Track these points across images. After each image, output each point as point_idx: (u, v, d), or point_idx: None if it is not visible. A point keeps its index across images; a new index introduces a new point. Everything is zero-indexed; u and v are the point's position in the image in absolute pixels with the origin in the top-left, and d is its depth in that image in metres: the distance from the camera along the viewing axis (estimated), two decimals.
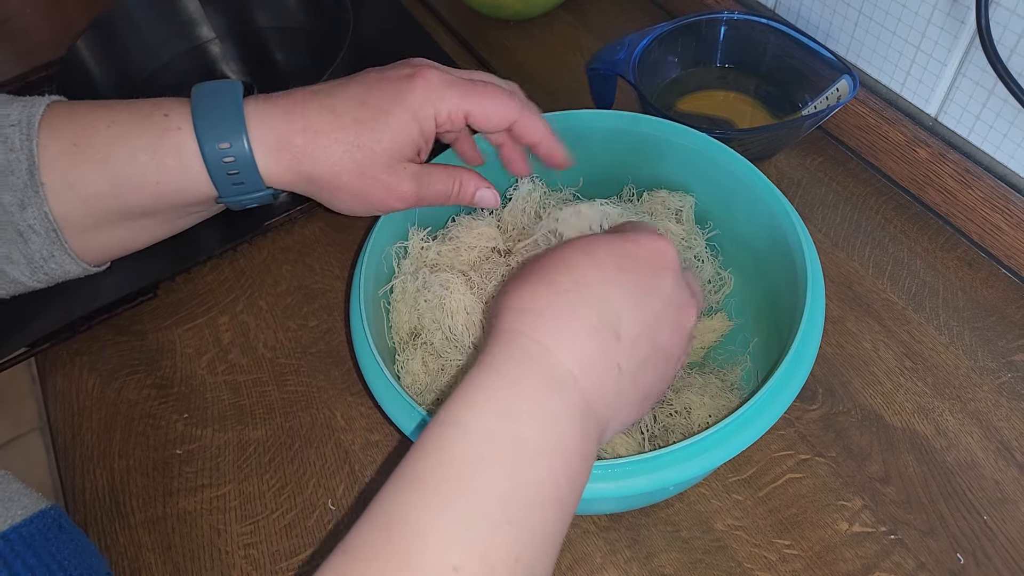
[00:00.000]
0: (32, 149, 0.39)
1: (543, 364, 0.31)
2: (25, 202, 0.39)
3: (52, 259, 0.42)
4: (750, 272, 0.50)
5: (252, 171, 0.40)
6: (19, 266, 0.41)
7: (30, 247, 0.41)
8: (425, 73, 0.41)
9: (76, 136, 0.40)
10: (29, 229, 0.40)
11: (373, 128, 0.40)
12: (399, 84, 0.41)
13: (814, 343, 0.40)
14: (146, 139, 0.40)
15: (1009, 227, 0.54)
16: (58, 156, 0.40)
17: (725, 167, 0.48)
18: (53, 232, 0.40)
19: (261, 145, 0.40)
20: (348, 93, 0.41)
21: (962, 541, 0.45)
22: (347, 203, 0.42)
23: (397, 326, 0.48)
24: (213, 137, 0.39)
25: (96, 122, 0.40)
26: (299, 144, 0.40)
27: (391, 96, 0.41)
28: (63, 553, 0.40)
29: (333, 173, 0.41)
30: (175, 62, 0.76)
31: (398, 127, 0.41)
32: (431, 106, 0.41)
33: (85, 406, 0.55)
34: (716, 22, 0.65)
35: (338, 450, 0.51)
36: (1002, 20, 0.50)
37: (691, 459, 0.36)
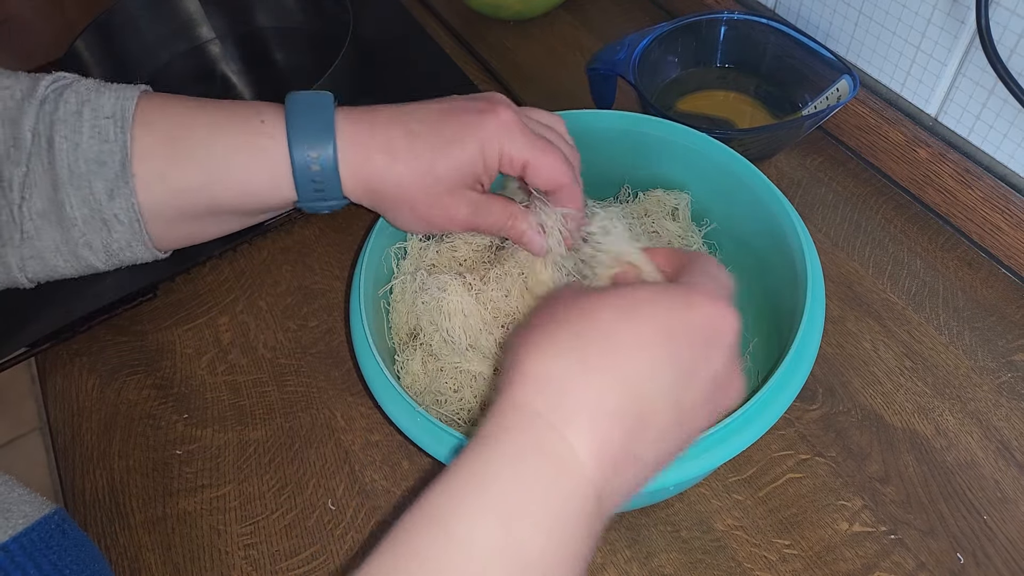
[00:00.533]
0: (126, 142, 0.40)
1: (556, 458, 0.28)
2: (114, 192, 0.40)
3: (129, 248, 0.43)
4: (750, 272, 0.50)
5: (334, 181, 0.42)
6: (97, 253, 0.43)
7: (112, 236, 0.42)
8: (500, 111, 0.42)
9: (172, 131, 0.42)
10: (114, 219, 0.41)
11: (444, 155, 0.42)
12: (475, 116, 0.43)
13: (814, 343, 0.40)
14: (241, 140, 0.42)
15: (1009, 227, 0.54)
16: (152, 148, 0.41)
17: (725, 167, 0.48)
18: (136, 223, 0.42)
19: (344, 157, 0.42)
20: (428, 119, 0.43)
21: (962, 541, 0.45)
22: (406, 220, 0.44)
23: (397, 326, 0.48)
24: (304, 145, 0.41)
25: (194, 120, 0.42)
26: (378, 162, 0.42)
27: (465, 126, 0.42)
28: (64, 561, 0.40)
29: (400, 191, 0.42)
30: (175, 62, 0.76)
31: (466, 158, 0.42)
32: (499, 144, 0.42)
33: (85, 406, 0.55)
34: (716, 22, 0.65)
35: (338, 450, 0.51)
36: (1002, 20, 0.50)
37: (691, 459, 0.36)
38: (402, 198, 0.43)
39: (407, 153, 0.42)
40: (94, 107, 0.41)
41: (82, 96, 0.41)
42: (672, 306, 0.31)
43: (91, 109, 0.41)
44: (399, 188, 0.42)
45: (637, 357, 0.29)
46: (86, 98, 0.41)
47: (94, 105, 0.41)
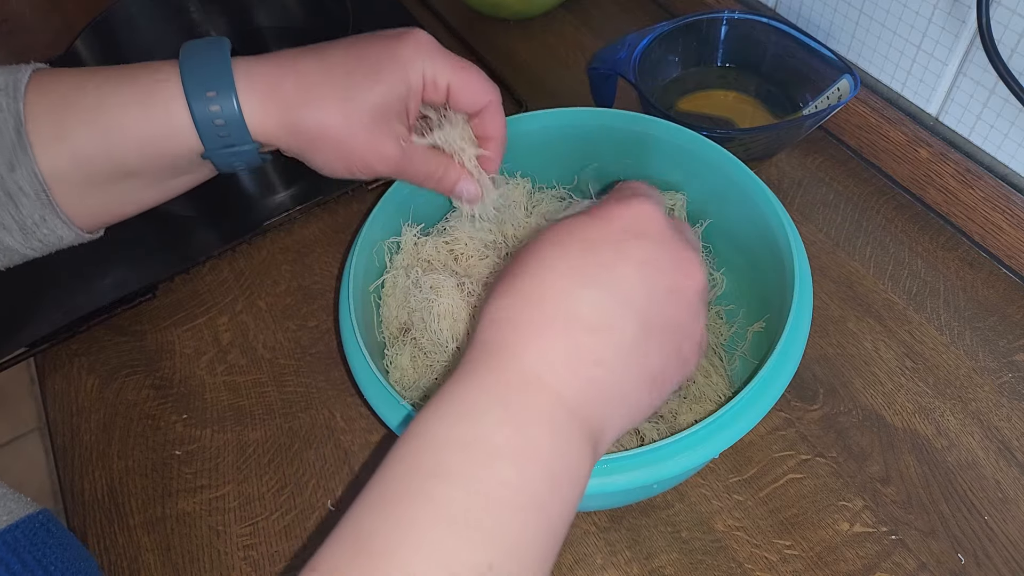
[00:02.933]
0: (19, 109, 0.39)
1: (509, 370, 0.30)
2: (14, 163, 0.39)
3: (44, 223, 0.41)
4: (742, 272, 0.50)
5: (239, 122, 0.40)
6: (11, 232, 0.41)
7: (21, 211, 0.40)
8: (417, 33, 0.42)
9: (65, 93, 0.40)
10: (19, 191, 0.40)
11: (364, 79, 0.40)
12: (391, 41, 0.42)
13: (801, 339, 0.40)
14: (135, 92, 0.40)
15: (1010, 227, 0.54)
16: (47, 111, 0.39)
17: (716, 166, 0.48)
18: (44, 194, 0.40)
19: (249, 94, 0.40)
20: (340, 48, 0.42)
21: (963, 541, 0.45)
22: (330, 161, 0.42)
23: (387, 321, 0.48)
24: (200, 86, 0.39)
25: (85, 82, 0.40)
26: (289, 92, 0.40)
27: (382, 50, 0.41)
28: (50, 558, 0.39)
29: (321, 125, 0.40)
30: None
31: (388, 80, 0.41)
32: (420, 64, 0.41)
33: (84, 407, 0.55)
34: (717, 21, 0.65)
35: (338, 451, 0.51)
36: (1003, 19, 0.50)
37: (678, 454, 0.36)
38: (323, 134, 0.40)
39: (324, 84, 0.40)
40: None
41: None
42: (592, 220, 0.33)
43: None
44: (318, 122, 0.40)
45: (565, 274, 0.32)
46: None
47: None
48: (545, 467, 0.29)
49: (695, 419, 0.45)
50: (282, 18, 0.78)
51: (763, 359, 0.39)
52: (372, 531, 0.27)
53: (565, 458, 0.30)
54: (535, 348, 0.30)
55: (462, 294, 0.45)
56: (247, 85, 0.40)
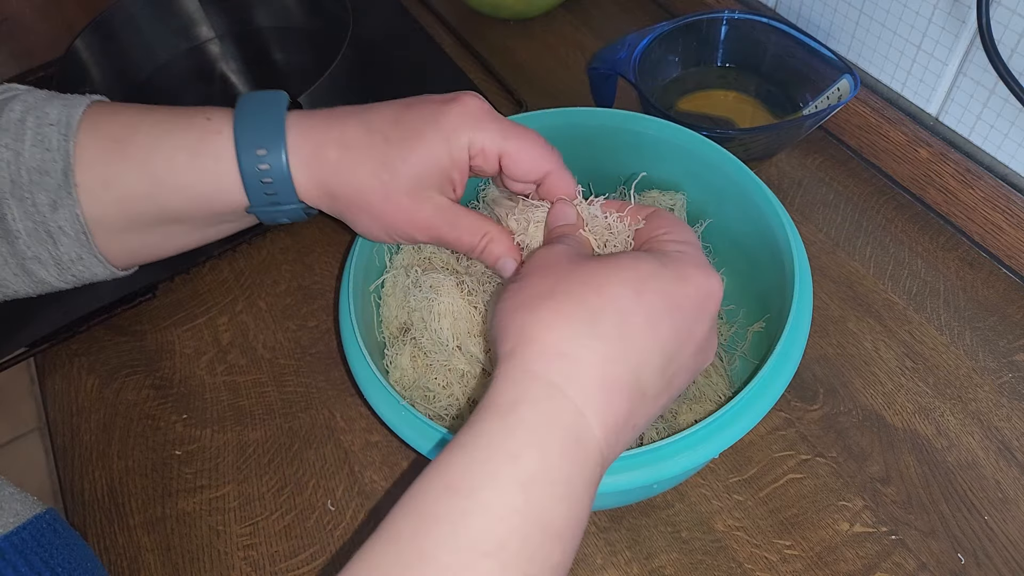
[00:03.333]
0: (69, 150, 0.38)
1: (575, 431, 0.29)
2: (57, 203, 0.39)
3: (80, 261, 0.41)
4: (742, 272, 0.50)
5: (286, 181, 0.39)
6: (47, 267, 0.41)
7: (59, 249, 0.40)
8: (465, 100, 0.39)
9: (117, 134, 0.39)
10: (59, 231, 0.39)
11: (401, 148, 0.39)
12: (436, 106, 0.40)
13: (801, 340, 0.40)
14: (187, 140, 0.39)
15: (1010, 227, 0.54)
16: (96, 155, 0.39)
17: (716, 166, 0.48)
18: (83, 235, 0.40)
19: (297, 155, 0.39)
20: (386, 111, 0.40)
21: (963, 541, 0.45)
22: (368, 226, 0.41)
23: (387, 320, 0.48)
24: (251, 143, 0.39)
25: (139, 123, 0.40)
26: (332, 158, 0.39)
27: (426, 118, 0.39)
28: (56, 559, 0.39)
29: (357, 192, 0.39)
30: (174, 62, 0.76)
31: (427, 150, 0.39)
32: (466, 134, 0.39)
33: (84, 407, 0.55)
34: (717, 21, 0.65)
35: (338, 451, 0.51)
36: (1003, 19, 0.50)
37: (677, 455, 0.36)
38: (359, 200, 0.40)
39: (363, 148, 0.39)
40: (39, 115, 0.39)
41: (28, 104, 0.39)
42: (675, 278, 0.32)
43: (35, 117, 0.39)
44: (354, 188, 0.39)
45: (646, 334, 0.30)
46: (32, 106, 0.39)
47: (39, 113, 0.39)
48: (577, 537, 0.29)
49: (695, 419, 0.45)
50: (282, 18, 0.78)
51: (763, 359, 0.39)
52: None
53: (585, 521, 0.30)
54: (599, 409, 0.29)
55: (462, 293, 0.45)
56: (297, 145, 0.39)
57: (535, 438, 0.28)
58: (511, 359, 0.30)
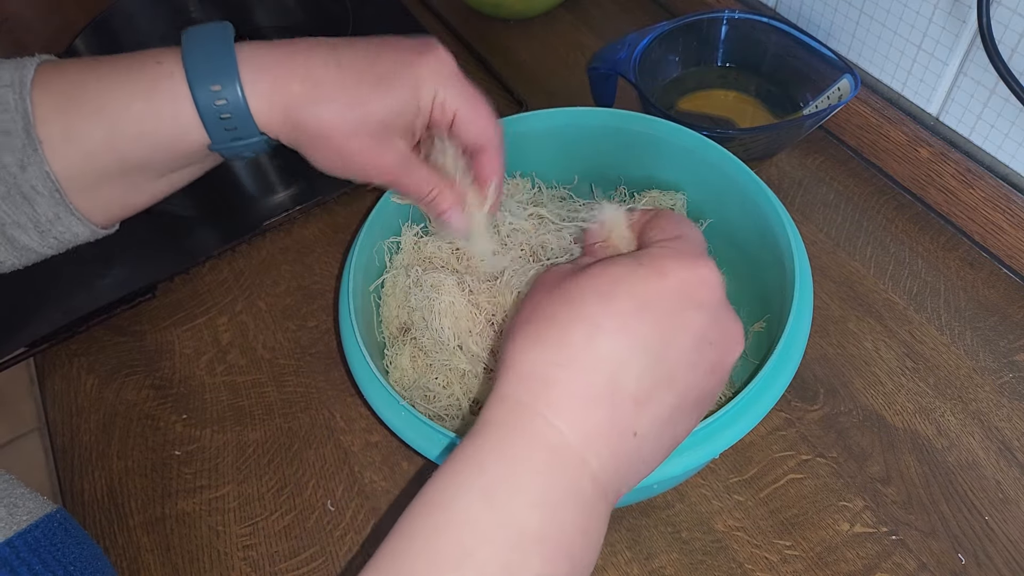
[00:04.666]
0: (27, 107, 0.38)
1: (547, 444, 0.28)
2: (25, 162, 0.39)
3: (59, 221, 0.41)
4: (742, 272, 0.50)
5: (245, 115, 0.39)
6: (27, 231, 0.41)
7: (36, 210, 0.40)
8: (438, 52, 0.41)
9: (70, 89, 0.39)
10: (32, 190, 0.39)
11: (374, 90, 0.39)
12: (410, 54, 0.40)
13: (801, 340, 0.40)
14: (140, 86, 0.39)
15: (1011, 227, 0.54)
16: (52, 111, 0.39)
17: (716, 166, 0.48)
18: (56, 192, 0.40)
19: (255, 87, 0.39)
20: (357, 51, 0.40)
21: (963, 541, 0.44)
22: (327, 160, 0.41)
23: (387, 320, 0.48)
24: (205, 79, 0.38)
25: (88, 74, 0.40)
26: (296, 91, 0.39)
27: (399, 62, 0.40)
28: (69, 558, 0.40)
29: (325, 127, 0.39)
30: None
31: (399, 95, 0.40)
32: (434, 86, 0.40)
33: (84, 407, 0.55)
34: (717, 21, 0.65)
35: (337, 451, 0.51)
36: (1003, 19, 0.50)
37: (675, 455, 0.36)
38: (325, 136, 0.40)
39: (333, 84, 0.39)
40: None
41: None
42: (650, 275, 0.31)
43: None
44: (321, 121, 0.39)
45: (619, 338, 0.30)
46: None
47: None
48: (571, 548, 0.28)
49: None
50: (282, 18, 0.78)
51: (763, 359, 0.39)
52: None
53: (587, 533, 0.29)
54: (573, 418, 0.29)
55: (463, 292, 0.45)
56: (253, 76, 0.39)
57: (500, 448, 0.28)
58: (494, 389, 0.31)
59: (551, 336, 0.30)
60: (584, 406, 0.29)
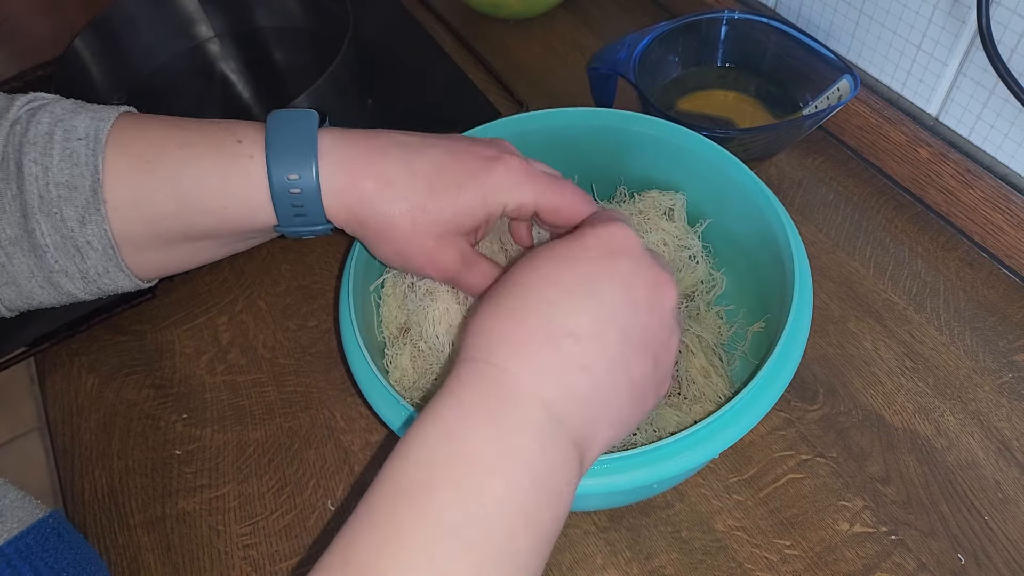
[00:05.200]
0: (97, 166, 0.38)
1: (494, 382, 0.30)
2: (86, 219, 0.39)
3: (107, 275, 0.41)
4: (742, 272, 0.50)
5: (316, 205, 0.40)
6: (74, 280, 0.41)
7: (87, 263, 0.40)
8: (508, 160, 0.41)
9: (146, 154, 0.39)
10: (87, 245, 0.40)
11: (442, 197, 0.40)
12: (480, 163, 0.41)
13: (800, 341, 0.40)
14: (217, 164, 0.39)
15: (1010, 227, 0.54)
16: (125, 173, 0.39)
17: (716, 166, 0.48)
18: (111, 250, 0.40)
19: (330, 182, 0.40)
20: (430, 156, 0.41)
21: (963, 541, 0.45)
22: (386, 254, 0.42)
23: (387, 320, 0.48)
24: (283, 168, 0.39)
25: (167, 141, 0.40)
26: (368, 188, 0.40)
27: (470, 172, 0.41)
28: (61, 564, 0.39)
29: (387, 225, 0.40)
30: (174, 61, 0.76)
31: (466, 204, 0.40)
32: (505, 194, 0.41)
33: (84, 406, 0.55)
34: (717, 21, 0.65)
35: (338, 451, 0.51)
36: (1003, 19, 0.50)
37: (676, 455, 0.36)
38: (388, 231, 0.40)
39: (402, 188, 0.40)
40: (67, 128, 0.39)
41: (56, 116, 0.39)
42: (566, 242, 0.35)
43: (63, 130, 0.39)
44: (385, 221, 0.40)
45: (543, 285, 0.33)
46: (60, 118, 0.39)
47: (67, 126, 0.39)
48: (533, 478, 0.29)
49: (695, 419, 0.45)
50: (282, 18, 0.78)
51: (763, 359, 0.39)
52: (362, 555, 0.27)
53: (552, 467, 0.30)
54: (521, 358, 0.31)
55: (457, 299, 0.45)
56: (330, 170, 0.39)
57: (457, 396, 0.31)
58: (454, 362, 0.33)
59: (491, 304, 0.33)
60: (524, 345, 0.31)
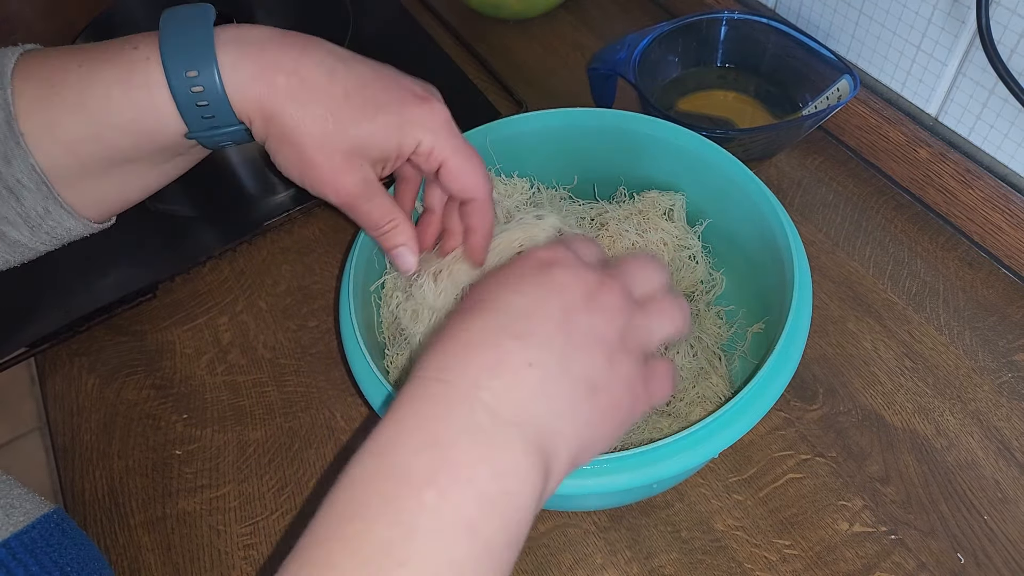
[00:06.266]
0: (8, 99, 0.37)
1: (432, 392, 0.29)
2: (9, 156, 0.38)
3: (49, 216, 0.40)
4: (742, 272, 0.50)
5: (222, 101, 0.38)
6: (17, 226, 0.40)
7: (24, 204, 0.39)
8: (435, 104, 0.40)
9: (52, 77, 0.38)
10: (18, 184, 0.38)
11: (359, 112, 0.39)
12: (407, 94, 0.40)
13: (800, 341, 0.40)
14: (117, 73, 0.38)
15: (1010, 227, 0.54)
16: (34, 101, 0.38)
17: (716, 166, 0.48)
18: (44, 186, 0.39)
19: (235, 74, 0.37)
20: (354, 68, 0.40)
21: (962, 541, 0.45)
22: (287, 163, 0.40)
23: (387, 321, 0.48)
24: (180, 65, 0.37)
25: (68, 62, 0.38)
26: (280, 83, 0.38)
27: (394, 98, 0.40)
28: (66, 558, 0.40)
29: (297, 129, 0.38)
30: None
31: (382, 127, 0.39)
32: (423, 132, 0.40)
33: (84, 407, 0.55)
34: (716, 22, 0.65)
35: (338, 451, 0.51)
36: (1002, 20, 0.50)
37: (674, 455, 0.36)
38: (294, 135, 0.38)
39: (318, 90, 0.38)
40: None
41: None
42: (512, 262, 0.35)
43: None
44: (295, 121, 0.38)
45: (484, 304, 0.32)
46: None
47: None
48: (471, 484, 0.27)
49: (695, 419, 0.45)
50: (282, 18, 0.78)
51: (763, 359, 0.39)
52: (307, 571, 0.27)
53: (500, 472, 0.28)
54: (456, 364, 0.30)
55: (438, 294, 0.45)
56: (235, 64, 0.38)
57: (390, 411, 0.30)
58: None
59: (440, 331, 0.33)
60: (465, 351, 0.30)
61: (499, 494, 0.28)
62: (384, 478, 0.28)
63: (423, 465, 0.27)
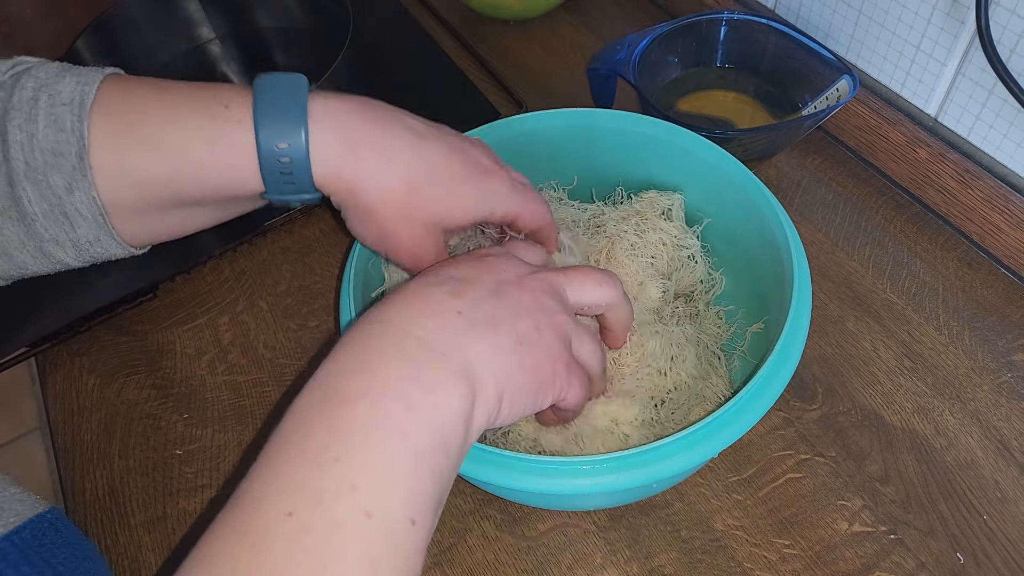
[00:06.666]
0: (83, 132, 0.38)
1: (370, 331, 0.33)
2: (73, 186, 0.38)
3: (98, 243, 0.41)
4: (741, 272, 0.50)
5: (305, 172, 0.39)
6: (65, 248, 0.40)
7: (76, 231, 0.40)
8: (501, 173, 0.43)
9: (131, 116, 0.39)
10: (76, 213, 0.39)
11: (441, 188, 0.40)
12: (479, 168, 0.42)
13: (799, 342, 0.40)
14: (201, 127, 0.38)
15: (1009, 227, 0.54)
16: (110, 137, 0.38)
17: (716, 166, 0.48)
18: (100, 217, 0.39)
19: (323, 146, 0.39)
20: (434, 146, 0.41)
21: (962, 541, 0.45)
22: (366, 232, 0.41)
23: None
24: (272, 135, 0.38)
25: (152, 102, 0.39)
26: (370, 162, 0.39)
27: (471, 173, 0.41)
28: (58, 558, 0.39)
29: (383, 205, 0.40)
30: (175, 62, 0.76)
31: (464, 201, 0.41)
32: (497, 203, 0.42)
33: (85, 406, 0.55)
34: (716, 22, 0.65)
35: None
36: (1002, 20, 0.50)
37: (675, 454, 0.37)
38: (379, 208, 0.40)
39: (408, 169, 0.39)
40: (51, 93, 0.38)
41: (40, 81, 0.38)
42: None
43: (48, 95, 0.38)
44: (383, 196, 0.39)
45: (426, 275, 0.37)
46: (44, 83, 0.38)
47: (51, 91, 0.38)
48: (400, 396, 0.30)
49: (695, 419, 0.45)
50: (282, 18, 0.78)
51: (762, 359, 0.39)
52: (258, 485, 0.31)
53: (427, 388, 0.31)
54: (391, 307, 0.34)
55: None
56: (324, 137, 0.38)
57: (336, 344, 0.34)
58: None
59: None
60: (401, 300, 0.34)
61: (427, 406, 0.31)
62: (321, 401, 0.31)
63: (356, 384, 0.31)
